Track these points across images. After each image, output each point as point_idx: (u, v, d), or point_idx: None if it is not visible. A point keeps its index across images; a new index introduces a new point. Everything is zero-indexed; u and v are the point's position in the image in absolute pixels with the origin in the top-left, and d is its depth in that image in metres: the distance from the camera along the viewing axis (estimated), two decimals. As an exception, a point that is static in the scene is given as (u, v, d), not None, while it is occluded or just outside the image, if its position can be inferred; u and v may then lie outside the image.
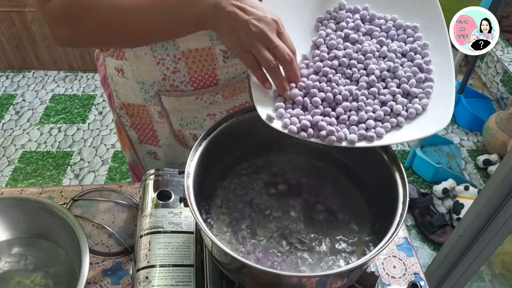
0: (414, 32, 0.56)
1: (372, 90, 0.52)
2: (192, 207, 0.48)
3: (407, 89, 0.52)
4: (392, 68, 0.53)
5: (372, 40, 0.56)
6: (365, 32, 0.56)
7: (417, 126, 0.50)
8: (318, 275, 0.48)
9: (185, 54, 0.64)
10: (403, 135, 0.49)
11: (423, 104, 0.51)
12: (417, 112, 0.50)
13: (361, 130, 0.49)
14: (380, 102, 0.51)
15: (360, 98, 0.51)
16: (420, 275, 0.64)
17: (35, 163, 1.85)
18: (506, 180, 0.85)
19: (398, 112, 0.50)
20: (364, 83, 0.52)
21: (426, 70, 0.53)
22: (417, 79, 0.52)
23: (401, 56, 0.54)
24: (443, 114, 0.49)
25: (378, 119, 0.50)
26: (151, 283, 0.54)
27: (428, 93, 0.51)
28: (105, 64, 0.73)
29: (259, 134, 0.59)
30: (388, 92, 0.52)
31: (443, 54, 0.53)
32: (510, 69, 2.01)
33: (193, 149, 0.54)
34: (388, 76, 0.53)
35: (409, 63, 0.54)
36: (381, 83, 0.52)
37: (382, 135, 0.49)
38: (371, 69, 0.52)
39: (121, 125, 0.80)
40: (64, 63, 2.30)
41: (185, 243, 0.59)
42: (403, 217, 0.47)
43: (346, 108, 0.51)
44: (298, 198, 0.59)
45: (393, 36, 0.56)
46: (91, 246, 0.67)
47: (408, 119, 0.50)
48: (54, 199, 0.74)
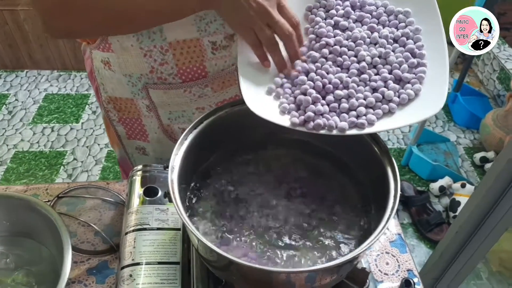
0: (406, 17, 0.55)
1: (363, 77, 0.50)
2: (176, 202, 0.46)
3: (399, 75, 0.50)
4: (384, 54, 0.51)
5: (362, 26, 0.54)
6: (355, 19, 0.55)
7: (410, 112, 0.48)
8: (307, 271, 0.47)
9: (173, 46, 0.63)
10: (395, 122, 0.48)
11: (416, 90, 0.49)
12: (409, 98, 0.49)
13: (351, 117, 0.48)
14: (371, 89, 0.50)
15: (350, 85, 0.50)
16: (414, 272, 0.62)
17: (27, 163, 1.82)
18: (501, 176, 0.83)
19: (389, 98, 0.49)
20: (355, 70, 0.51)
21: (418, 55, 0.52)
22: (409, 65, 0.51)
23: (392, 41, 0.53)
24: (436, 99, 0.48)
25: (370, 106, 0.49)
26: (135, 281, 0.53)
27: (420, 78, 0.50)
28: (92, 57, 0.71)
29: (249, 129, 0.57)
30: (379, 79, 0.50)
31: (436, 39, 0.52)
32: (506, 66, 2.00)
33: (178, 143, 0.52)
34: (380, 62, 0.51)
35: (401, 48, 0.52)
36: (372, 70, 0.51)
37: (374, 122, 0.48)
38: (362, 56, 0.51)
39: (109, 120, 0.78)
40: (57, 62, 2.28)
41: (171, 240, 0.57)
42: (394, 211, 0.45)
43: (337, 96, 0.49)
44: (289, 193, 0.57)
45: (384, 22, 0.55)
46: (76, 245, 0.65)
47: (400, 105, 0.49)
48: (40, 197, 0.72)
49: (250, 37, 0.52)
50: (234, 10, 0.51)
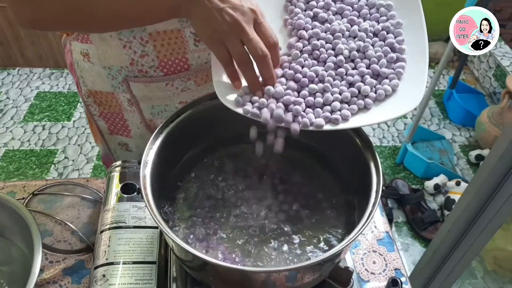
0: (388, 10, 0.52)
1: (339, 70, 0.48)
2: (147, 198, 0.44)
3: (377, 70, 0.48)
4: (362, 47, 0.49)
5: (342, 19, 0.52)
6: (335, 11, 0.52)
7: (386, 108, 0.46)
8: (287, 269, 0.44)
9: (153, 37, 0.60)
10: (370, 118, 0.46)
11: (393, 85, 0.47)
12: (386, 94, 0.47)
13: (325, 112, 0.46)
14: (347, 83, 0.48)
15: (326, 79, 0.47)
16: (402, 271, 0.60)
17: (18, 161, 1.80)
18: (494, 172, 0.81)
19: (366, 94, 0.47)
20: (331, 63, 0.48)
21: (398, 49, 0.49)
22: (388, 59, 0.48)
23: (372, 35, 0.51)
24: (414, 96, 0.46)
25: (345, 101, 0.47)
26: (109, 281, 0.50)
27: (399, 73, 0.48)
28: (71, 49, 0.69)
29: (228, 123, 0.54)
30: (356, 73, 0.48)
31: (417, 33, 0.50)
32: (502, 63, 1.98)
33: (152, 137, 0.50)
34: (358, 56, 0.49)
35: (380, 42, 0.50)
36: (349, 64, 0.49)
37: (348, 118, 0.46)
38: (340, 49, 0.49)
39: (90, 114, 0.76)
40: (49, 59, 2.25)
41: (148, 238, 0.55)
42: (376, 206, 0.43)
43: (312, 90, 0.47)
44: (268, 190, 0.55)
45: (365, 15, 0.52)
46: (53, 244, 0.63)
47: (376, 100, 0.47)
48: (17, 194, 0.70)
49: (220, 52, 0.47)
50: (205, 21, 0.47)
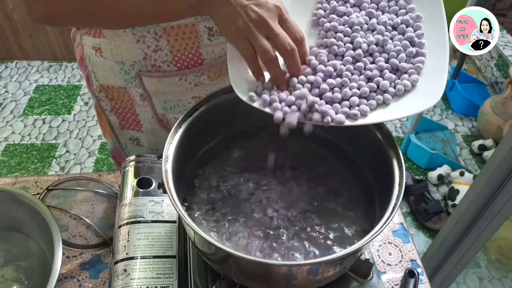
0: (407, 3, 0.51)
1: (358, 65, 0.47)
2: (170, 192, 0.44)
3: (396, 64, 0.47)
4: (381, 41, 0.48)
5: (360, 12, 0.51)
6: (353, 4, 0.52)
7: (405, 104, 0.45)
8: (309, 263, 0.44)
9: (167, 31, 0.60)
10: (389, 113, 0.45)
11: (413, 80, 0.46)
12: (405, 89, 0.46)
13: (344, 107, 0.45)
14: (366, 78, 0.47)
15: (344, 73, 0.47)
16: (417, 262, 0.61)
17: (19, 156, 1.79)
18: (502, 165, 0.82)
19: (385, 89, 0.46)
20: (349, 57, 0.48)
21: (417, 44, 0.49)
22: (407, 54, 0.48)
23: (391, 29, 0.50)
24: (434, 91, 0.45)
25: (363, 96, 0.46)
26: (130, 276, 0.50)
27: (418, 68, 0.47)
28: (82, 44, 0.68)
29: (245, 116, 0.54)
30: (375, 67, 0.47)
31: (437, 27, 0.49)
32: (504, 53, 1.98)
33: (172, 131, 0.50)
34: (376, 50, 0.48)
35: (399, 36, 0.49)
36: (368, 58, 0.48)
37: (367, 113, 0.45)
38: (358, 43, 0.48)
39: (101, 109, 0.75)
40: (48, 52, 2.22)
41: (167, 233, 0.55)
42: (400, 199, 0.43)
43: (331, 85, 0.46)
44: (288, 183, 0.55)
45: (383, 7, 0.52)
46: (68, 239, 0.63)
47: (395, 96, 0.46)
48: (29, 190, 0.70)
49: (245, 48, 0.46)
50: (230, 18, 0.46)
